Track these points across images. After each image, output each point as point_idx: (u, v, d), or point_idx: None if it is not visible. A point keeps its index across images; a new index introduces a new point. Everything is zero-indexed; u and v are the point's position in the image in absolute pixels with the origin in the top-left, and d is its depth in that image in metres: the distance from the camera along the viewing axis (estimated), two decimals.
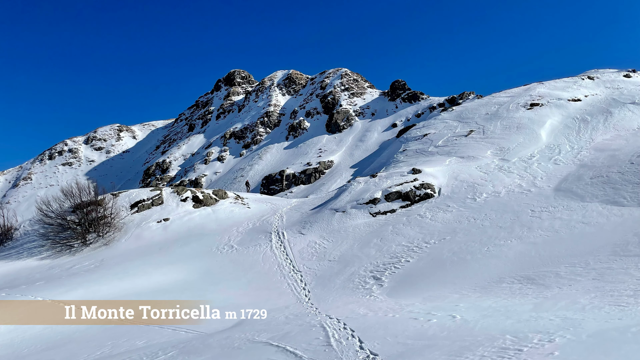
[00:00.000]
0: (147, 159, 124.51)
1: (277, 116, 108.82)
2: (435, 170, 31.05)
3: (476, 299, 13.67)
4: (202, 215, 32.88)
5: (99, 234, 29.61)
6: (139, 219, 31.79)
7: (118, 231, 30.17)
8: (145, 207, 33.22)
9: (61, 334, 14.45)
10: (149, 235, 29.53)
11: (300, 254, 23.31)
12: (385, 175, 32.68)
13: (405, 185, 28.44)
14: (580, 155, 30.16)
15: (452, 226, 22.39)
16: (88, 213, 30.17)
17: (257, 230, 28.49)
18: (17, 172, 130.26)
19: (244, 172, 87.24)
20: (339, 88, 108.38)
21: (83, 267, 23.99)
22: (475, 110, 47.79)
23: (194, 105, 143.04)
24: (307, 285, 19.04)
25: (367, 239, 23.21)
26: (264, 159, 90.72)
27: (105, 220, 30.27)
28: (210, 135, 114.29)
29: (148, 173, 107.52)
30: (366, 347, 10.01)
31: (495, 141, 37.05)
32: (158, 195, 34.42)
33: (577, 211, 20.96)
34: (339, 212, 27.96)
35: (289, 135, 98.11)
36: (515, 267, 16.25)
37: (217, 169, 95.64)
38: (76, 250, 28.25)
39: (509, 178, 28.03)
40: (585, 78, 53.10)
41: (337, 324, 12.13)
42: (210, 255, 24.73)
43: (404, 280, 17.50)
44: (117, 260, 24.52)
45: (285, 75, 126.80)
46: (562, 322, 9.88)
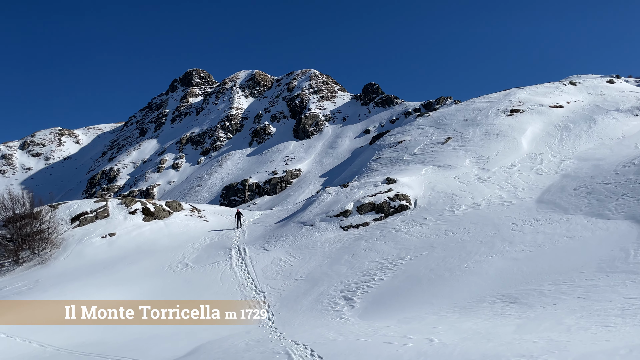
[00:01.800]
0: (92, 166, 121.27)
1: (239, 120, 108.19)
2: (410, 180, 31.36)
3: (455, 320, 13.71)
4: (153, 229, 32.10)
5: (33, 251, 28.45)
6: (81, 234, 30.75)
7: (56, 248, 29.08)
8: (88, 220, 32.18)
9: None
10: (91, 252, 28.58)
11: (263, 272, 22.99)
12: (357, 185, 32.78)
13: (379, 196, 28.57)
14: (563, 164, 31.06)
15: (429, 241, 22.56)
16: (22, 227, 28.98)
17: (215, 246, 27.98)
18: None
19: (201, 181, 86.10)
20: (307, 90, 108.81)
21: (14, 289, 22.93)
22: (453, 116, 48.74)
23: (146, 108, 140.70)
24: (270, 308, 18.74)
25: (337, 255, 23.11)
26: (224, 167, 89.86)
27: (41, 235, 29.14)
28: (164, 140, 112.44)
29: (93, 182, 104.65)
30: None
31: (474, 149, 37.80)
32: (103, 207, 33.43)
33: (561, 224, 21.46)
34: (306, 226, 27.79)
35: (252, 141, 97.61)
36: (496, 285, 16.44)
37: (172, 178, 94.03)
38: (7, 269, 27.08)
39: (489, 189, 28.55)
40: (567, 84, 55.04)
41: (304, 350, 11.92)
42: (161, 274, 24.09)
43: (377, 301, 17.44)
44: (53, 281, 23.56)
45: (249, 75, 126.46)
46: (546, 345, 9.97)
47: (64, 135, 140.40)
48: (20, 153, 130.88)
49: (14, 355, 14.06)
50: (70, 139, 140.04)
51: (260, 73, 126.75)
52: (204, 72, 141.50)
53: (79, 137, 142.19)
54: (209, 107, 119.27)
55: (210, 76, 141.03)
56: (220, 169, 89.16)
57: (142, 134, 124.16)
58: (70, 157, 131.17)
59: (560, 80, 58.99)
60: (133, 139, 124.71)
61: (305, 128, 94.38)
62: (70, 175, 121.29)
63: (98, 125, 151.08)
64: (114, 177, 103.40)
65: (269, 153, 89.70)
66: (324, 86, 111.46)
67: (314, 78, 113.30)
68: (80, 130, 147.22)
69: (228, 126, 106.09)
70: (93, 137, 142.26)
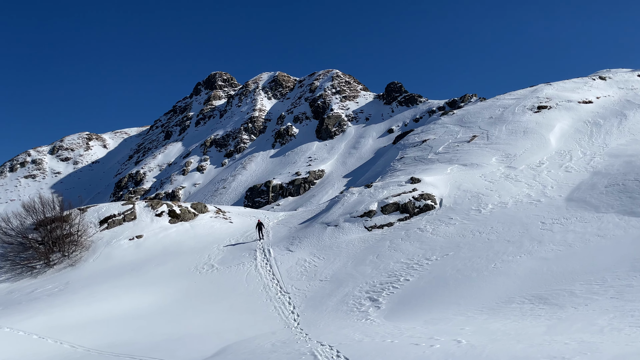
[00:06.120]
0: (119, 170, 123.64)
1: (262, 122, 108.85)
2: (435, 179, 31.07)
3: (483, 322, 13.53)
4: (179, 231, 32.54)
5: (64, 254, 29.13)
6: (109, 237, 31.36)
7: (85, 250, 29.72)
8: (116, 223, 32.81)
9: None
10: (119, 254, 29.12)
11: (288, 273, 23.08)
12: (381, 185, 32.63)
13: (404, 196, 28.39)
14: (594, 161, 30.37)
15: (456, 241, 22.32)
16: (52, 230, 29.70)
17: (240, 248, 28.22)
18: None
19: (226, 183, 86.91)
20: (329, 91, 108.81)
21: (46, 291, 23.53)
22: (478, 114, 48.12)
23: (171, 111, 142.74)
24: (296, 309, 18.80)
25: (362, 256, 23.05)
26: (248, 168, 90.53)
27: (71, 238, 29.81)
28: (189, 143, 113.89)
29: (120, 185, 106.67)
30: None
31: (500, 147, 37.24)
32: (130, 210, 34.03)
33: (592, 223, 20.99)
34: (330, 226, 27.79)
35: (275, 142, 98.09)
36: (525, 286, 16.17)
37: (197, 180, 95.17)
38: (38, 272, 27.76)
39: (516, 187, 28.10)
40: (596, 78, 53.78)
41: (330, 351, 11.91)
42: (188, 275, 24.41)
43: (403, 302, 17.34)
44: (83, 283, 24.09)
45: (271, 77, 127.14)
46: (578, 346, 9.75)
47: (91, 139, 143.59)
48: (49, 158, 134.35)
49: (46, 356, 14.42)
50: (97, 143, 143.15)
51: (282, 74, 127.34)
52: (227, 74, 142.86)
53: (106, 141, 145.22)
54: (232, 109, 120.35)
55: (233, 79, 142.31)
56: (244, 170, 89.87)
57: (167, 137, 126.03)
58: (98, 161, 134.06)
59: (589, 75, 57.68)
60: (158, 142, 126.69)
61: (328, 128, 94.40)
62: (98, 178, 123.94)
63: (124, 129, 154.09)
64: (141, 180, 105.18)
65: (292, 154, 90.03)
66: (346, 86, 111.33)
67: (336, 78, 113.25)
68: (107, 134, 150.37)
69: (251, 128, 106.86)
70: (120, 141, 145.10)
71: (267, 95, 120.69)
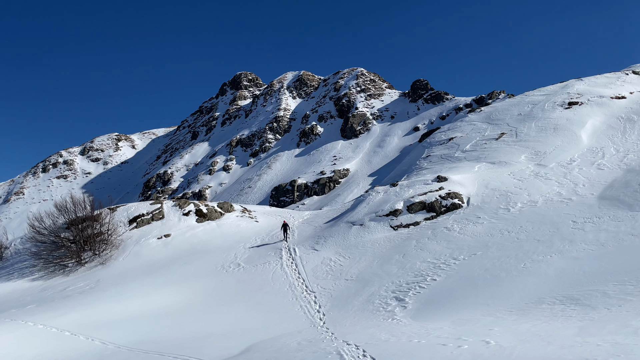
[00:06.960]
0: (147, 170, 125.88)
1: (287, 121, 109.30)
2: (463, 178, 30.69)
3: (512, 322, 13.32)
4: (206, 230, 32.94)
5: (94, 252, 29.81)
6: (138, 235, 31.96)
7: (115, 249, 30.35)
8: (144, 222, 33.41)
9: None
10: (148, 252, 29.65)
11: (313, 272, 23.13)
12: (407, 183, 32.41)
13: (430, 195, 28.13)
14: (627, 159, 29.54)
15: (484, 240, 22.02)
16: (83, 229, 30.42)
17: (266, 247, 28.41)
18: (8, 187, 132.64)
19: (251, 182, 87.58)
20: (354, 89, 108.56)
21: (77, 289, 24.14)
22: (507, 111, 47.34)
23: (197, 112, 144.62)
24: (321, 308, 18.83)
25: (387, 255, 22.94)
26: (273, 168, 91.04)
27: (101, 237, 30.49)
28: (215, 143, 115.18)
29: (148, 185, 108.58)
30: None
31: (529, 144, 36.56)
32: (158, 209, 34.61)
33: (626, 222, 20.43)
34: (356, 226, 27.74)
35: (300, 141, 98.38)
36: (556, 286, 15.85)
37: (223, 180, 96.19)
38: (70, 270, 28.46)
39: (546, 185, 27.55)
40: (629, 73, 52.31)
41: (356, 350, 11.89)
42: (215, 274, 24.69)
43: (430, 302, 17.18)
44: (113, 281, 24.62)
45: (296, 76, 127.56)
46: (611, 348, 9.52)
47: (120, 140, 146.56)
48: (80, 158, 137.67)
49: (78, 353, 14.78)
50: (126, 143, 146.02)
51: (306, 74, 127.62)
52: (252, 74, 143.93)
53: (135, 142, 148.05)
54: (257, 109, 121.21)
55: (258, 79, 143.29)
56: (269, 170, 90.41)
57: (193, 137, 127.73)
58: (126, 162, 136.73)
59: (622, 69, 56.13)
60: (185, 142, 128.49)
61: (353, 127, 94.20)
62: (127, 178, 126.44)
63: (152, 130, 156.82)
64: (168, 180, 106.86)
65: (316, 153, 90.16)
66: (371, 84, 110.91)
67: (361, 76, 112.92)
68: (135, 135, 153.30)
69: (276, 127, 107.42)
70: (148, 142, 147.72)
71: (291, 95, 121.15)
